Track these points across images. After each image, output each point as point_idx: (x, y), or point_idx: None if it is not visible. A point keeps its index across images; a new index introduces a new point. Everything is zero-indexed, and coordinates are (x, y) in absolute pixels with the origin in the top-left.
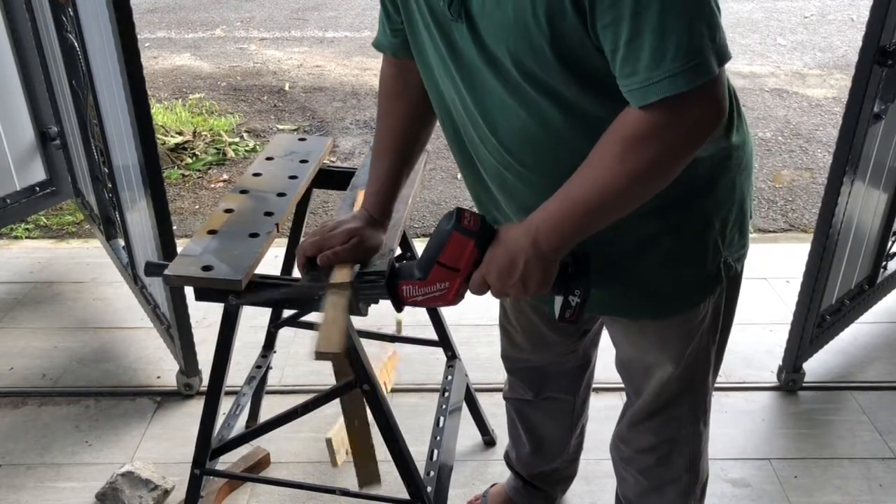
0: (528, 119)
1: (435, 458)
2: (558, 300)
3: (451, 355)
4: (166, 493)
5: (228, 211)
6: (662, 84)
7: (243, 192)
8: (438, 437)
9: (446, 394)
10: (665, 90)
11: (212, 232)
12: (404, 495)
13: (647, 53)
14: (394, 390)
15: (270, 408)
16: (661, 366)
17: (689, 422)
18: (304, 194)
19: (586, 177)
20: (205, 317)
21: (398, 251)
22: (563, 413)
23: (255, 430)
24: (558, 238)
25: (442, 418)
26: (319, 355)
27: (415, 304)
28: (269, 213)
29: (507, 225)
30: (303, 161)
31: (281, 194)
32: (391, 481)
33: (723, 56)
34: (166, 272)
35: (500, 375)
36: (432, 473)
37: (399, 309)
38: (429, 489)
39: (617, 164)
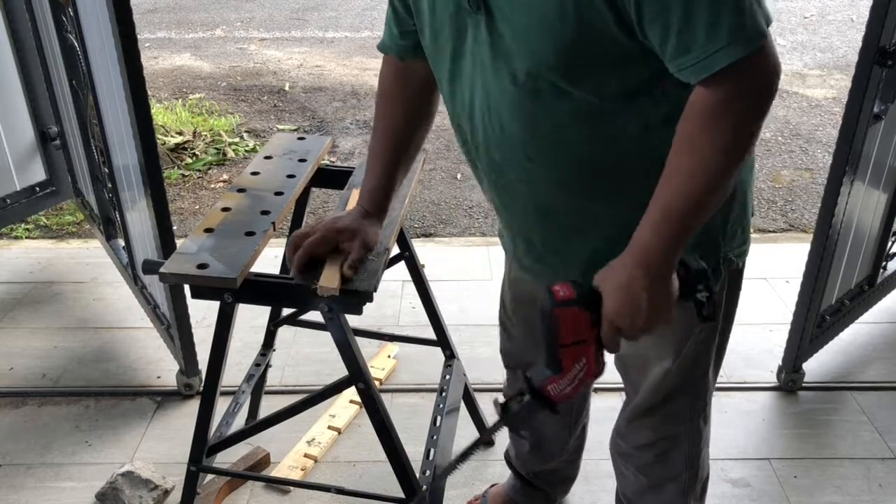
0: (534, 110)
1: (431, 457)
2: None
3: (450, 355)
4: (166, 493)
5: (226, 209)
6: (718, 56)
7: (241, 190)
8: (435, 437)
9: (444, 394)
10: (725, 59)
11: (208, 230)
12: (399, 494)
13: (702, 29)
14: (393, 390)
15: (271, 408)
16: (659, 360)
17: (688, 418)
18: (302, 193)
19: (677, 181)
20: (204, 317)
21: (396, 250)
22: (562, 411)
23: (252, 427)
24: (668, 248)
25: (439, 418)
26: (322, 289)
27: (567, 397)
28: (265, 212)
29: (602, 271)
30: (301, 160)
31: (278, 193)
32: (387, 480)
33: (768, 16)
34: (162, 270)
35: (500, 376)
36: (428, 473)
37: (555, 411)
38: (424, 488)
39: (706, 151)
